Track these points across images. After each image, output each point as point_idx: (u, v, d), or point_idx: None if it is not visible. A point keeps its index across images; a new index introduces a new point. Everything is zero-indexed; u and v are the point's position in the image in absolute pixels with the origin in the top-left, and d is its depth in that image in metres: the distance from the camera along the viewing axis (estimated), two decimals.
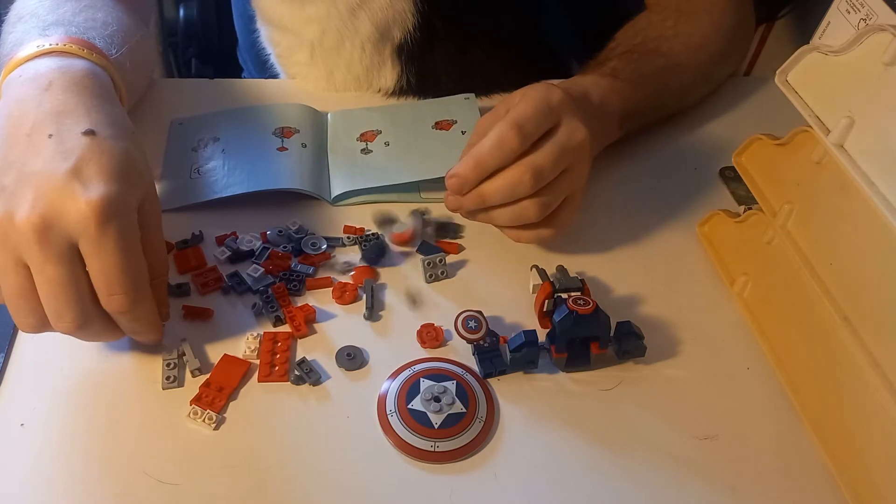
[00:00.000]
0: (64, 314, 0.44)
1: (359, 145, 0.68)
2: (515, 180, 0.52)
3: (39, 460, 0.46)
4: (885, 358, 0.44)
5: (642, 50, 0.69)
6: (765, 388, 0.53)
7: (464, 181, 0.53)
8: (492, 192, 0.53)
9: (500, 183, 0.53)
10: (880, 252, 0.45)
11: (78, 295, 0.44)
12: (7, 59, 0.52)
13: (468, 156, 0.53)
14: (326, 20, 0.70)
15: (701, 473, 0.48)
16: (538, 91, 0.54)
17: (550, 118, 0.53)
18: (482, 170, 0.53)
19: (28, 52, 0.51)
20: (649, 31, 0.71)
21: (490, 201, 0.54)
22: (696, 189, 0.68)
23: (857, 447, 0.46)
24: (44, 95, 0.48)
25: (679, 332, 0.56)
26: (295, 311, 0.54)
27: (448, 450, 0.47)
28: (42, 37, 0.52)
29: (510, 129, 0.52)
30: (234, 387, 0.50)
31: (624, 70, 0.66)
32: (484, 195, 0.54)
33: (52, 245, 0.43)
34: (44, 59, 0.50)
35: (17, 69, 0.50)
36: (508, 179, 0.53)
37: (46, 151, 0.45)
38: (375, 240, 0.60)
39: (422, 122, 0.69)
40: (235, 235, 0.60)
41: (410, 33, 0.72)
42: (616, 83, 0.64)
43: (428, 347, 0.53)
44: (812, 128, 0.48)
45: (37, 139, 0.45)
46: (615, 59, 0.68)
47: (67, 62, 0.50)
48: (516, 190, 0.53)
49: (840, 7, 0.48)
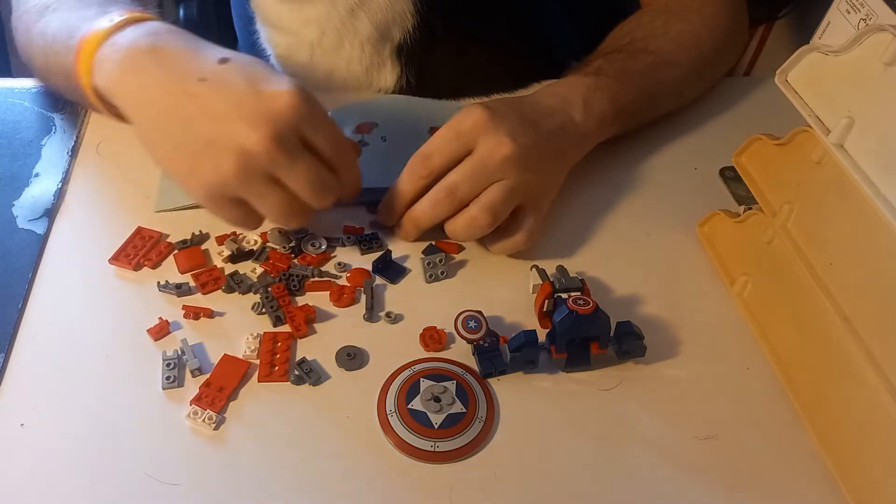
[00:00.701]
0: (324, 191, 0.52)
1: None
2: (432, 200, 0.57)
3: (39, 460, 0.46)
4: (885, 358, 0.44)
5: (630, 49, 0.69)
6: (765, 388, 0.53)
7: (388, 211, 0.59)
8: (418, 214, 0.58)
9: (423, 204, 0.57)
10: (880, 252, 0.45)
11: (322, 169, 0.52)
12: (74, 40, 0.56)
13: (390, 188, 0.59)
14: (326, 21, 0.70)
15: (701, 473, 0.48)
16: (454, 118, 0.57)
17: (458, 144, 0.56)
18: (402, 199, 0.58)
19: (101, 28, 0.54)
20: (638, 31, 0.71)
21: (423, 224, 0.58)
22: (696, 189, 0.68)
23: (857, 447, 0.46)
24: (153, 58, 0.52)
25: (679, 332, 0.56)
26: (295, 311, 0.54)
27: (448, 450, 0.47)
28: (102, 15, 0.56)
29: (417, 160, 0.57)
30: (234, 387, 0.50)
31: (609, 68, 0.67)
32: (415, 219, 0.58)
33: (290, 146, 0.50)
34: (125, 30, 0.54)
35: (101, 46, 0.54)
36: (427, 200, 0.57)
37: (211, 91, 0.50)
38: (379, 248, 0.60)
39: (418, 125, 0.70)
40: (235, 235, 0.60)
41: (410, 33, 0.72)
42: (600, 80, 0.65)
43: (431, 351, 0.53)
44: (812, 128, 0.48)
45: (193, 88, 0.50)
46: (601, 59, 0.68)
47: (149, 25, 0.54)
48: (436, 209, 0.57)
49: (840, 7, 0.48)
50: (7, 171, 0.64)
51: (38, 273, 0.56)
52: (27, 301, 0.54)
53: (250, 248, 0.59)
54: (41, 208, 0.61)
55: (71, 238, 0.59)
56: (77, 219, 0.61)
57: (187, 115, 0.50)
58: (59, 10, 0.61)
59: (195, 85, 0.50)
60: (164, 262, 0.58)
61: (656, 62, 0.69)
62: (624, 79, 0.66)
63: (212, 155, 0.49)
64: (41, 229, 0.59)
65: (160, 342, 0.53)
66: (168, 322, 0.53)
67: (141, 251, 0.58)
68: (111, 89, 0.54)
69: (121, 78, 0.53)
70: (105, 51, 0.54)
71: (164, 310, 0.54)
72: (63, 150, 0.66)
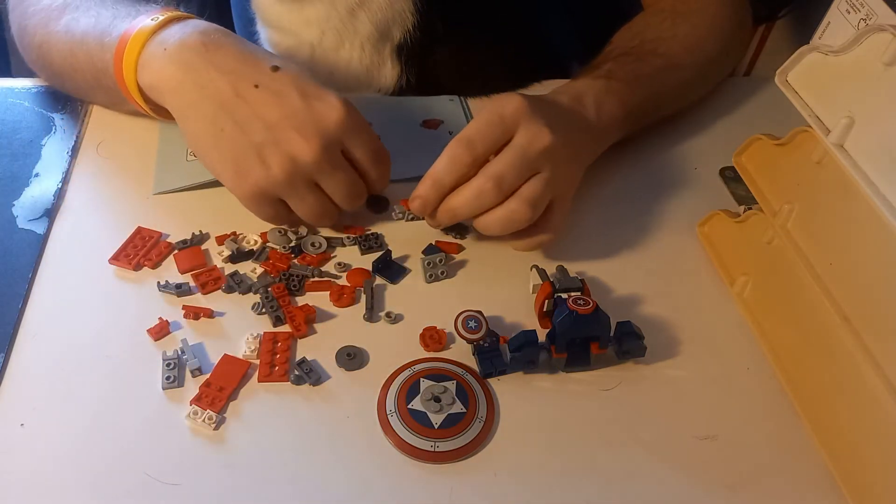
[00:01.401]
0: (356, 198, 0.57)
1: None
2: (477, 190, 0.54)
3: (39, 460, 0.46)
4: (885, 358, 0.44)
5: (639, 52, 0.69)
6: (765, 388, 0.53)
7: (425, 201, 0.56)
8: (459, 205, 0.55)
9: (466, 194, 0.55)
10: (880, 252, 0.45)
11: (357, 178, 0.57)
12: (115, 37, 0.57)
13: (426, 175, 0.55)
14: (326, 21, 0.70)
15: (701, 473, 0.48)
16: (492, 103, 0.56)
17: (501, 129, 0.54)
18: (440, 187, 0.55)
19: (147, 25, 0.56)
20: (647, 33, 0.71)
21: (461, 215, 0.56)
22: (696, 189, 0.68)
23: (857, 447, 0.46)
24: (206, 57, 0.54)
25: (679, 332, 0.56)
26: (295, 311, 0.54)
27: (448, 450, 0.47)
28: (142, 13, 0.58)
29: (459, 146, 0.54)
30: (234, 387, 0.50)
31: (619, 71, 0.66)
32: (453, 209, 0.56)
33: (333, 156, 0.54)
34: (172, 27, 0.56)
35: (148, 44, 0.56)
36: (472, 190, 0.54)
37: (265, 99, 0.53)
38: (379, 248, 0.60)
39: (410, 120, 0.71)
40: (235, 235, 0.60)
41: (410, 33, 0.72)
42: (612, 84, 0.65)
43: (431, 351, 0.53)
44: (812, 128, 0.48)
45: (248, 94, 0.53)
46: (610, 62, 0.68)
47: (194, 23, 0.57)
48: (481, 200, 0.54)
49: (840, 7, 0.48)
50: (7, 171, 0.64)
51: (38, 273, 0.56)
52: (27, 301, 0.54)
53: (250, 248, 0.59)
54: (41, 208, 0.61)
55: (71, 238, 0.59)
56: (77, 219, 0.61)
57: (241, 118, 0.53)
58: (85, 7, 0.62)
59: (250, 90, 0.53)
60: (164, 262, 0.58)
61: (665, 65, 0.69)
62: (634, 82, 0.66)
63: (262, 159, 0.53)
64: (41, 229, 0.59)
65: (160, 342, 0.53)
66: (168, 322, 0.53)
67: (141, 251, 0.58)
68: (160, 87, 0.56)
69: (172, 76, 0.55)
70: (152, 48, 0.55)
71: (164, 310, 0.54)
72: (63, 150, 0.66)
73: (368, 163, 0.57)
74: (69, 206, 0.62)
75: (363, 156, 0.56)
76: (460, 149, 0.54)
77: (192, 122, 0.55)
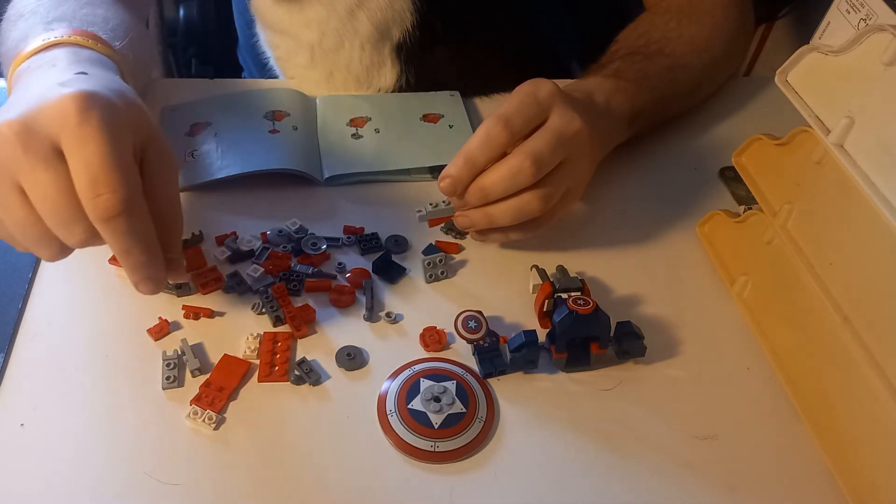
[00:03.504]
0: (71, 223, 0.42)
1: (349, 130, 0.70)
2: (515, 168, 0.52)
3: (39, 460, 0.46)
4: (885, 358, 0.44)
5: (646, 51, 0.69)
6: (765, 388, 0.53)
7: (456, 180, 0.53)
8: (492, 183, 0.53)
9: (501, 172, 0.52)
10: (880, 252, 0.45)
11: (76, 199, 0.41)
12: (13, 55, 0.52)
13: (457, 155, 0.53)
14: (325, 22, 0.70)
15: (700, 473, 0.48)
16: (526, 85, 0.54)
17: (538, 109, 0.53)
18: (472, 166, 0.53)
19: (35, 46, 0.51)
20: (653, 33, 0.71)
21: (492, 193, 0.53)
22: (696, 189, 0.68)
23: (857, 447, 0.46)
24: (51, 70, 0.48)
25: (679, 332, 0.56)
26: (295, 311, 0.54)
27: (448, 450, 0.47)
28: (47, 31, 0.52)
29: (497, 124, 0.52)
30: (234, 387, 0.50)
31: (628, 71, 0.66)
32: (485, 187, 0.53)
33: (37, 148, 0.41)
34: (51, 50, 0.50)
35: (24, 62, 0.51)
36: (508, 168, 0.52)
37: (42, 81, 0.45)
38: (379, 248, 0.60)
39: (410, 114, 0.72)
40: (235, 235, 0.60)
41: (409, 32, 0.72)
42: (620, 83, 0.64)
43: (431, 351, 0.53)
44: (812, 128, 0.48)
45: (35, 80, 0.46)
46: (618, 61, 0.68)
47: (74, 51, 0.50)
48: (517, 178, 0.52)
49: (840, 7, 0.48)
50: None
51: (38, 273, 0.56)
52: (27, 301, 0.54)
53: (250, 248, 0.59)
54: None
55: None
56: None
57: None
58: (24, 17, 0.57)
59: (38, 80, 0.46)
60: None
61: (671, 65, 0.69)
62: (643, 82, 0.66)
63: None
64: None
65: (160, 342, 0.53)
66: (168, 322, 0.53)
67: None
68: None
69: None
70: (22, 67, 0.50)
71: (164, 310, 0.54)
72: None
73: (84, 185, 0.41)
74: None
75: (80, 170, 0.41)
76: (497, 127, 0.52)
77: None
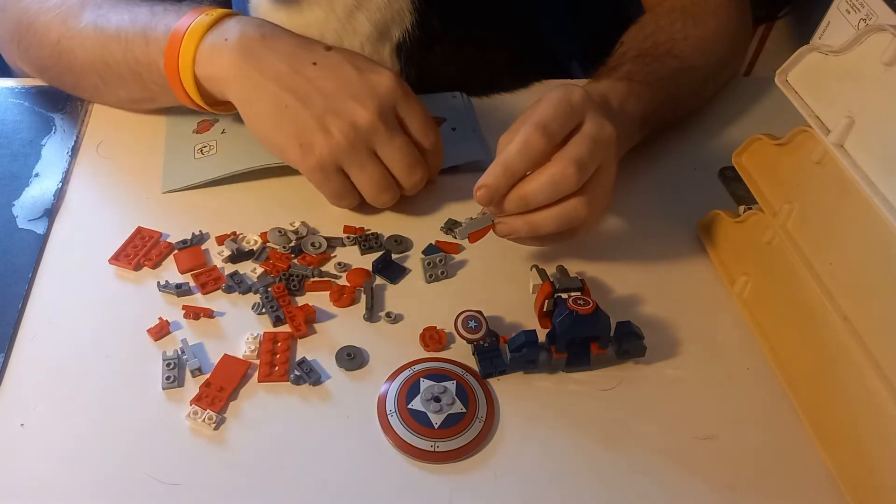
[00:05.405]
0: (414, 168, 0.59)
1: None
2: (559, 176, 0.51)
3: (39, 460, 0.46)
4: (885, 358, 0.44)
5: (654, 53, 0.69)
6: (765, 388, 0.53)
7: (493, 190, 0.52)
8: (534, 191, 0.52)
9: (543, 180, 0.51)
10: (880, 252, 0.45)
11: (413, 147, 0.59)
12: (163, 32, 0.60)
13: (494, 163, 0.52)
14: (324, 24, 0.70)
15: (700, 473, 0.48)
16: (558, 92, 0.54)
17: (573, 116, 0.52)
18: (511, 175, 0.52)
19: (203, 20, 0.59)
20: (659, 35, 0.71)
21: (533, 202, 0.52)
22: (696, 189, 0.68)
23: (857, 447, 0.46)
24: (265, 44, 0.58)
25: (679, 332, 0.56)
26: (295, 311, 0.54)
27: (448, 450, 0.47)
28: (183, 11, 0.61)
29: (535, 131, 0.51)
30: (234, 387, 0.50)
31: (639, 73, 0.66)
32: (525, 195, 0.52)
33: (391, 121, 0.58)
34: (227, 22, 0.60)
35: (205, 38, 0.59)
36: (551, 176, 0.51)
37: (322, 73, 0.57)
38: (379, 248, 0.60)
39: None
40: (235, 235, 0.60)
41: (409, 32, 0.72)
42: (633, 86, 0.64)
43: (431, 351, 0.53)
44: (812, 128, 0.48)
45: (305, 71, 0.57)
46: (628, 63, 0.67)
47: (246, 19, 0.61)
48: (561, 186, 0.51)
49: (840, 7, 0.48)
50: (7, 171, 0.64)
51: (38, 273, 0.56)
52: (27, 301, 0.54)
53: (250, 248, 0.59)
54: (41, 208, 0.61)
55: (71, 238, 0.59)
56: (77, 219, 0.61)
57: (301, 93, 0.57)
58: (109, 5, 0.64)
59: (308, 67, 0.57)
60: (165, 262, 0.58)
61: (679, 67, 0.69)
62: (655, 84, 0.65)
63: (324, 128, 0.56)
64: (41, 229, 0.59)
65: (160, 342, 0.53)
66: (168, 322, 0.53)
67: (141, 251, 0.58)
68: (222, 76, 0.58)
69: (234, 64, 0.58)
70: (212, 41, 0.59)
71: (164, 310, 0.54)
72: (63, 150, 0.66)
73: (422, 130, 0.59)
74: (69, 206, 0.62)
75: (416, 122, 0.59)
76: (536, 134, 0.51)
77: (255, 105, 0.58)
